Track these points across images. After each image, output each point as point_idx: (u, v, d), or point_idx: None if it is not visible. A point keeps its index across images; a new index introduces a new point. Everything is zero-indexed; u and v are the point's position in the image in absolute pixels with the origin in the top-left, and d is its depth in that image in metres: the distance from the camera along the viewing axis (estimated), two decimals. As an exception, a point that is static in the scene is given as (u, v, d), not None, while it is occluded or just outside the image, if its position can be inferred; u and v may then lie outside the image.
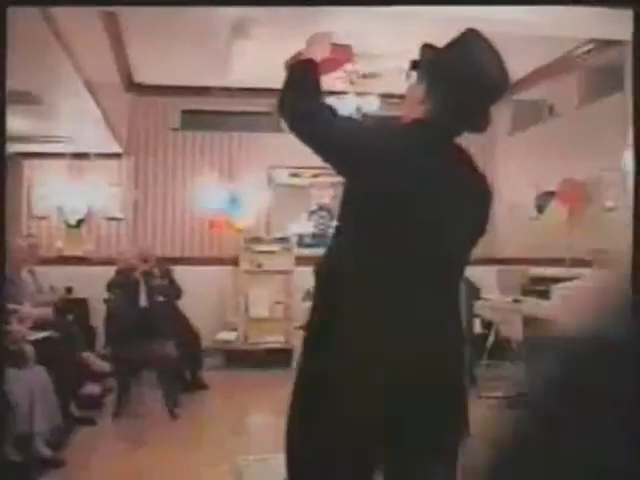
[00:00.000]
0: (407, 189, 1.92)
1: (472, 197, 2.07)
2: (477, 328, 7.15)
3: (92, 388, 5.83)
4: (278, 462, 4.54)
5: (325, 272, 2.06)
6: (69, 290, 7.14)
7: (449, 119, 2.04)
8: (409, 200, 1.93)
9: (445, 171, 1.99)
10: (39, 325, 5.32)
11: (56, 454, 4.56)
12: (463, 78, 1.98)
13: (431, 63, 2.06)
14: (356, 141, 1.98)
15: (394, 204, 1.93)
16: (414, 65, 2.12)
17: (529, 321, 6.89)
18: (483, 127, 2.09)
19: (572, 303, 4.97)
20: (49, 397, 4.53)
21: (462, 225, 2.03)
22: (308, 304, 5.10)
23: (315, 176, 8.81)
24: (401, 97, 7.08)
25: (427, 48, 2.11)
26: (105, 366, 6.04)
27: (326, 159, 2.04)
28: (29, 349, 4.61)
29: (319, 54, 2.16)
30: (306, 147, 2.03)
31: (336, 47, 2.25)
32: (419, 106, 2.04)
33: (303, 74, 2.09)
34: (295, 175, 8.83)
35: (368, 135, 2.01)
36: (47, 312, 5.66)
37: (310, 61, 2.12)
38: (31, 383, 4.39)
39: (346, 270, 1.96)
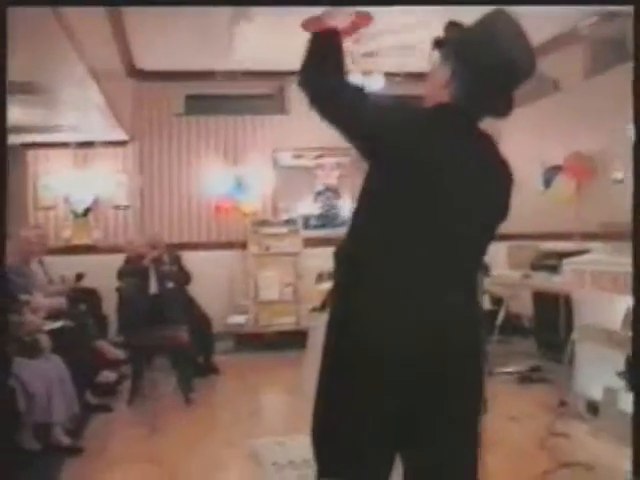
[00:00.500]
0: (433, 173, 1.90)
1: (496, 182, 2.06)
2: (487, 305, 7.15)
3: (108, 375, 5.87)
4: (295, 443, 4.63)
5: (345, 254, 2.06)
6: (79, 277, 7.04)
7: (475, 103, 2.00)
8: (435, 184, 1.91)
9: (471, 155, 1.97)
10: (53, 315, 5.35)
11: (75, 442, 4.61)
12: (492, 62, 1.92)
13: (458, 44, 1.99)
14: (382, 123, 1.93)
15: (419, 187, 1.91)
16: (437, 43, 2.05)
17: (540, 295, 6.91)
18: (507, 112, 2.05)
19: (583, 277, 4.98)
20: (67, 386, 4.57)
21: (486, 209, 2.02)
22: (321, 286, 5.13)
23: (320, 157, 8.80)
24: (407, 76, 7.06)
25: (453, 27, 2.04)
26: (119, 353, 6.08)
27: (350, 139, 2.00)
28: (44, 339, 4.63)
29: (341, 23, 2.09)
30: (311, 127, 2.01)
31: (356, 14, 2.18)
32: (443, 89, 2.00)
33: (326, 47, 2.01)
34: (300, 157, 8.81)
35: (394, 117, 1.95)
36: (61, 302, 5.69)
37: (334, 33, 2.03)
38: (48, 373, 4.42)
39: (367, 252, 1.96)
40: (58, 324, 5.07)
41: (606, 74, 7.01)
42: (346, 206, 8.93)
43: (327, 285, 3.92)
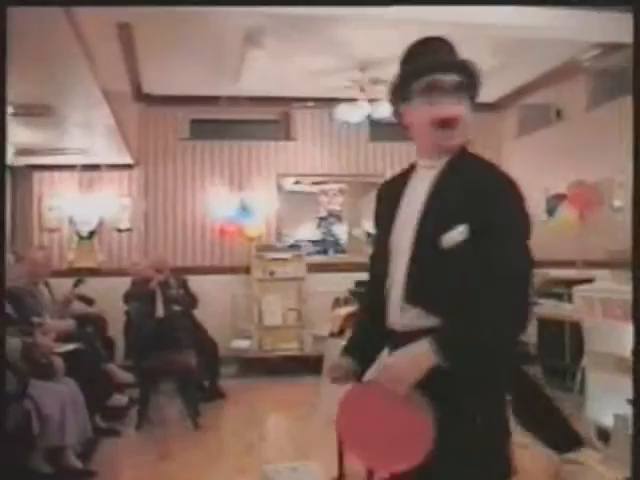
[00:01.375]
0: None
1: None
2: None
3: (120, 399, 5.83)
4: (307, 469, 4.60)
5: None
6: (78, 282, 6.82)
7: None
8: None
9: None
10: (62, 338, 5.33)
11: (86, 466, 4.57)
12: None
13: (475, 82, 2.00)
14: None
15: None
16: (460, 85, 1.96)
17: (544, 322, 6.94)
18: None
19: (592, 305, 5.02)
20: (80, 410, 4.54)
21: None
22: (337, 312, 5.11)
23: (323, 183, 8.86)
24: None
25: (467, 64, 1.98)
26: (128, 377, 6.05)
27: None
28: (58, 362, 4.61)
29: None
30: (316, 153, 2.01)
31: None
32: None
33: None
34: (304, 182, 8.86)
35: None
36: (71, 324, 5.68)
37: None
38: (63, 396, 4.40)
39: None
40: (71, 347, 5.05)
41: (609, 105, 7.12)
42: (346, 232, 9.00)
43: (344, 310, 3.96)
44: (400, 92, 2.00)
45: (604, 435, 4.87)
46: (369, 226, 8.92)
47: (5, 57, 2.83)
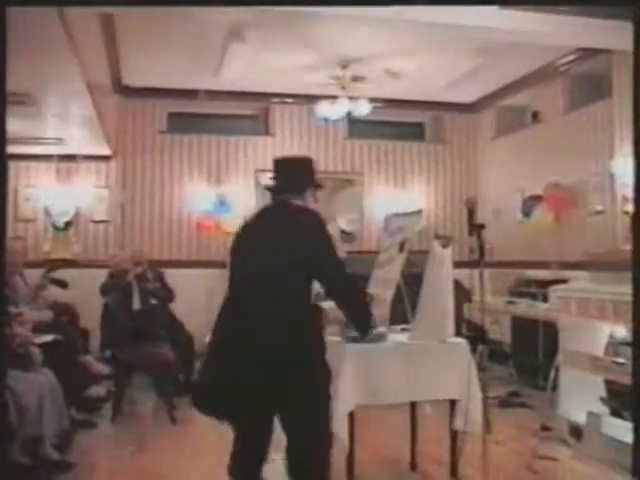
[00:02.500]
0: None
1: None
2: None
3: (98, 390, 5.80)
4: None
5: None
6: (50, 269, 6.79)
7: None
8: None
9: None
10: (37, 328, 5.27)
11: (63, 457, 4.54)
12: None
13: None
14: None
15: None
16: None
17: (518, 321, 7.04)
18: None
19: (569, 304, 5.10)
20: (58, 400, 4.50)
21: None
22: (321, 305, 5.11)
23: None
24: (389, 101, 7.13)
25: None
26: (104, 369, 6.01)
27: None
28: (36, 352, 4.58)
29: None
30: (294, 148, 2.20)
31: None
32: None
33: None
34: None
35: None
36: (48, 315, 5.63)
37: None
38: (41, 386, 4.36)
39: None
40: (49, 337, 5.01)
41: (586, 109, 7.23)
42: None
43: (326, 305, 3.95)
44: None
45: (576, 432, 4.96)
46: (343, 223, 8.97)
47: (5, 56, 2.82)
